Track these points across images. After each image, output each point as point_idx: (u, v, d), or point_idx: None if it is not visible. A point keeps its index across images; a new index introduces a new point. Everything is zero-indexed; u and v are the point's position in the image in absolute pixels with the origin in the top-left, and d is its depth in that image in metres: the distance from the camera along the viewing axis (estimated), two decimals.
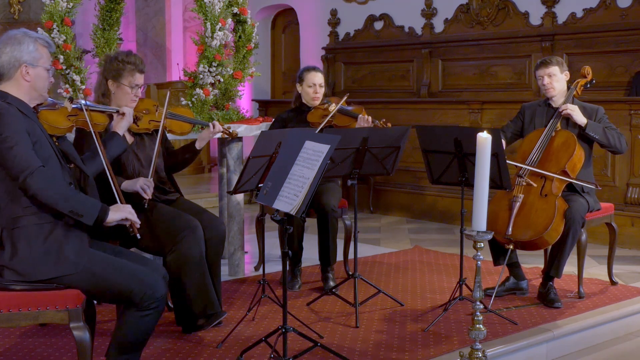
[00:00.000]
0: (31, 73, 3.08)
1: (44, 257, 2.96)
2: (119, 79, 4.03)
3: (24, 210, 2.97)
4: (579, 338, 4.28)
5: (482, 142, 3.22)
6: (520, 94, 8.07)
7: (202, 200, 6.89)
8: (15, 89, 3.08)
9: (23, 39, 3.08)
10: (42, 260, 2.96)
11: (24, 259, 2.96)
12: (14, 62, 3.06)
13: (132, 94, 4.05)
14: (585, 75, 4.86)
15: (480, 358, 3.27)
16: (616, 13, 7.63)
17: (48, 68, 3.15)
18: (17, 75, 3.07)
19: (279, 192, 3.45)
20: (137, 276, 3.07)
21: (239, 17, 5.41)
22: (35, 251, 2.96)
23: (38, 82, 3.12)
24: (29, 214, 2.98)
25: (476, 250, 3.24)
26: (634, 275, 5.37)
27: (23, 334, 4.06)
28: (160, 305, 3.11)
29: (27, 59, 3.07)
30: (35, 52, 3.09)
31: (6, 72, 3.07)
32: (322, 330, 4.11)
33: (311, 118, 5.03)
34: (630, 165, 6.31)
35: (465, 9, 8.86)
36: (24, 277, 2.96)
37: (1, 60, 3.06)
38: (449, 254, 6.03)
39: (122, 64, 4.04)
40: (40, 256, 2.96)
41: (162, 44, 12.12)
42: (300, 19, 10.79)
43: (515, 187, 4.54)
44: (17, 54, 3.06)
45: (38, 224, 2.98)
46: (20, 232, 2.98)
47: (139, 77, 4.06)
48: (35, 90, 3.13)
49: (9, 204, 2.99)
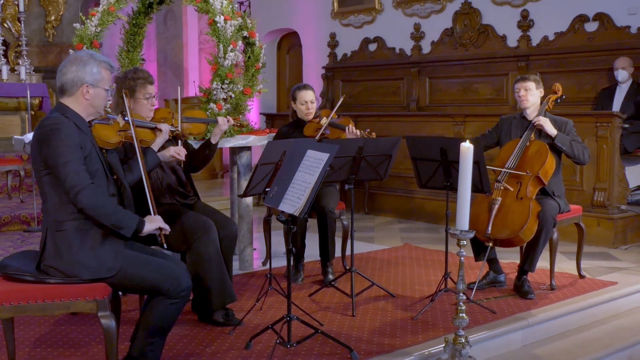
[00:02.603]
0: (91, 92, 3.08)
1: (84, 261, 2.97)
2: (134, 94, 4.00)
3: (69, 216, 2.98)
4: (550, 326, 4.28)
5: (465, 151, 3.23)
6: (499, 108, 8.06)
7: (215, 202, 6.89)
8: (74, 104, 3.08)
9: (88, 61, 3.08)
10: (81, 263, 2.97)
11: (66, 260, 2.96)
12: (77, 81, 3.06)
13: (149, 104, 4.05)
14: (557, 92, 4.87)
15: (463, 343, 3.27)
16: (584, 36, 7.65)
17: (107, 88, 3.14)
18: (78, 93, 3.07)
19: (284, 196, 3.46)
20: (164, 271, 3.07)
21: (249, 40, 5.42)
22: (76, 255, 2.96)
23: (96, 100, 3.12)
24: (72, 219, 2.98)
25: (459, 247, 3.25)
26: (599, 269, 5.36)
27: (57, 322, 4.07)
28: (187, 295, 3.12)
29: (89, 79, 3.07)
30: (97, 74, 3.09)
31: (69, 89, 3.07)
32: (323, 319, 4.12)
33: (306, 132, 5.06)
34: (596, 172, 6.31)
35: (449, 32, 8.87)
36: (65, 276, 2.97)
37: (66, 78, 3.07)
38: (435, 250, 6.03)
39: (133, 80, 4.02)
40: (80, 260, 2.96)
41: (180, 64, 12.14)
42: (303, 42, 10.80)
43: (494, 191, 4.54)
44: (80, 74, 3.06)
45: (80, 229, 2.99)
46: (63, 235, 2.98)
47: (150, 88, 4.05)
48: (92, 107, 3.13)
49: (57, 208, 2.99)
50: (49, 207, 3.01)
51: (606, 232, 6.21)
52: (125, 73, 4.15)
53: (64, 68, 3.08)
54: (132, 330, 3.33)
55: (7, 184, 8.30)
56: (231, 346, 3.68)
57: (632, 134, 6.80)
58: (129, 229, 3.03)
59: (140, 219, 3.08)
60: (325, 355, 3.52)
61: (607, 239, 6.19)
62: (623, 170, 6.52)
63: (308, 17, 10.60)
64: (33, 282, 2.99)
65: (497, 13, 8.41)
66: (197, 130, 4.21)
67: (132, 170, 3.46)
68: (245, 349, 3.61)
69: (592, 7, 7.55)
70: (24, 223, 7.20)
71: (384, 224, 7.61)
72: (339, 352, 3.55)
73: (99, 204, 2.95)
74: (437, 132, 7.45)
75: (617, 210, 6.30)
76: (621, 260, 5.71)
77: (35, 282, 2.99)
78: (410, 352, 3.60)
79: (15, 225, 7.17)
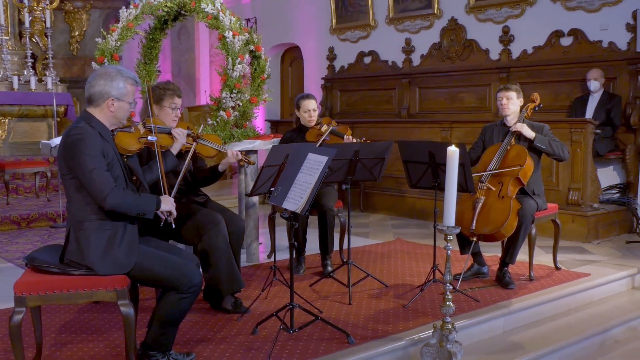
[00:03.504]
0: (115, 105, 3.08)
1: (102, 257, 2.97)
2: (161, 102, 4.03)
3: (89, 216, 2.98)
4: (529, 313, 4.28)
5: (452, 154, 3.23)
6: (483, 115, 8.06)
7: (225, 201, 6.87)
8: (100, 114, 3.08)
9: (115, 77, 3.07)
10: (99, 260, 2.96)
11: (84, 256, 2.97)
12: (103, 94, 3.05)
13: (173, 114, 4.05)
14: (535, 100, 4.86)
15: (449, 329, 3.27)
16: (559, 50, 7.65)
17: (131, 102, 3.14)
18: (104, 105, 3.07)
19: (287, 195, 3.46)
20: (177, 267, 3.06)
21: (255, 53, 5.42)
22: (93, 252, 2.96)
23: (119, 112, 3.12)
24: (92, 220, 2.98)
25: (446, 242, 3.25)
26: (574, 262, 5.36)
27: (80, 310, 4.06)
28: (197, 291, 3.10)
29: (114, 94, 3.06)
30: (123, 88, 3.08)
31: (95, 100, 3.07)
32: (322, 307, 4.11)
33: (308, 137, 5.05)
34: (571, 173, 6.30)
35: (437, 46, 8.87)
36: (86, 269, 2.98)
37: (94, 90, 3.06)
38: (425, 244, 6.03)
39: (163, 90, 4.04)
40: (98, 256, 2.96)
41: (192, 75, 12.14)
42: (304, 55, 10.80)
43: (478, 190, 4.54)
44: (107, 88, 3.05)
45: (99, 229, 2.99)
46: (84, 234, 2.98)
47: (177, 100, 4.06)
48: (115, 118, 3.13)
49: (79, 209, 2.99)
50: (72, 207, 3.03)
51: (580, 228, 6.20)
52: (158, 83, 4.19)
53: (93, 80, 3.08)
54: (149, 317, 3.33)
55: (35, 184, 8.32)
56: (239, 332, 3.67)
57: (603, 138, 6.80)
58: (151, 212, 3.09)
59: (157, 198, 3.14)
60: (325, 340, 3.52)
61: (580, 234, 6.19)
62: (595, 171, 6.53)
63: (309, 32, 10.60)
64: (58, 273, 2.99)
65: (480, 29, 8.41)
66: (206, 152, 4.12)
67: (152, 171, 3.50)
68: (252, 334, 3.61)
69: (567, 24, 7.56)
70: (51, 220, 7.21)
71: (378, 220, 7.61)
72: (337, 337, 3.55)
73: (123, 204, 2.97)
74: (426, 137, 7.45)
75: (590, 208, 6.30)
76: (593, 254, 5.71)
77: (60, 273, 2.99)
78: (401, 337, 3.60)
79: (42, 221, 7.17)
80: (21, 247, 5.94)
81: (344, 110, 9.93)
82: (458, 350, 3.27)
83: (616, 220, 6.51)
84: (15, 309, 2.92)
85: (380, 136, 7.75)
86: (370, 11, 9.56)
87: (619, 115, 6.91)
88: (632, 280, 5.15)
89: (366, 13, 9.62)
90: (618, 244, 6.12)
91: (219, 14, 5.20)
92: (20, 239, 6.37)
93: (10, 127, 9.87)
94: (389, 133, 7.91)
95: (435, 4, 8.78)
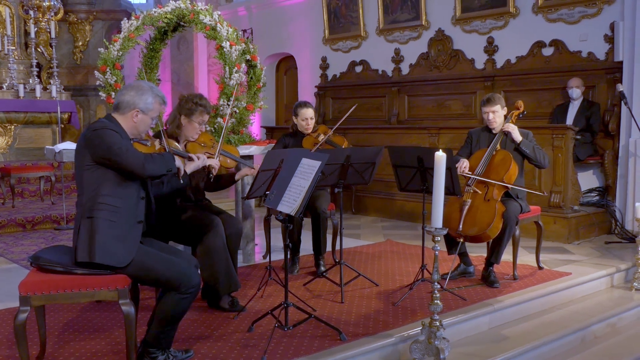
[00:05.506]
0: (139, 117, 3.10)
1: (102, 246, 2.94)
2: (191, 116, 3.96)
3: (99, 206, 2.97)
4: (514, 310, 4.29)
5: (439, 159, 3.23)
6: (469, 122, 8.07)
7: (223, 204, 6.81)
8: (123, 121, 3.10)
9: (147, 92, 3.11)
10: (99, 248, 2.94)
11: (90, 244, 2.94)
12: (131, 104, 3.08)
13: (199, 129, 4.02)
14: (519, 108, 4.88)
15: (437, 326, 3.27)
16: (541, 60, 7.67)
17: (154, 117, 3.16)
18: (129, 114, 3.09)
19: (281, 198, 3.45)
20: (177, 268, 3.04)
21: (251, 63, 5.42)
22: (99, 238, 2.94)
23: (141, 125, 3.14)
24: (102, 210, 2.97)
25: (434, 243, 3.25)
26: (556, 262, 5.37)
27: (83, 309, 4.04)
28: (196, 291, 3.09)
29: (141, 106, 3.09)
30: (150, 104, 3.11)
31: (122, 108, 3.10)
32: (315, 305, 4.10)
33: (305, 144, 5.04)
34: (552, 177, 6.32)
35: (425, 56, 8.89)
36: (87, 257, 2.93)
37: (123, 98, 3.09)
38: (414, 245, 6.03)
39: (195, 105, 3.96)
40: (99, 245, 2.94)
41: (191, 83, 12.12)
42: (299, 64, 10.80)
43: (465, 193, 4.55)
44: (136, 100, 3.08)
45: (105, 219, 2.96)
46: (91, 222, 2.95)
47: (206, 117, 4.02)
48: (136, 129, 3.14)
49: (90, 199, 2.98)
50: (84, 199, 3.00)
51: (561, 229, 6.22)
52: (192, 96, 4.05)
53: (124, 90, 3.12)
54: (149, 316, 3.31)
55: (40, 188, 8.28)
56: (236, 329, 3.66)
57: (583, 144, 6.83)
58: (175, 167, 3.16)
59: (171, 155, 3.18)
60: (318, 337, 3.51)
61: (562, 235, 6.21)
62: (576, 175, 6.55)
63: (303, 43, 10.60)
64: (62, 272, 2.96)
65: (466, 40, 8.43)
66: (226, 164, 4.06)
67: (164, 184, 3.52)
68: (248, 332, 3.60)
69: (549, 35, 7.58)
70: (55, 222, 7.17)
71: (368, 222, 7.61)
72: (329, 334, 3.54)
73: (157, 168, 3.04)
74: (415, 143, 7.46)
75: (570, 211, 6.31)
76: (574, 254, 5.72)
77: (64, 272, 2.96)
78: (391, 334, 3.59)
79: (47, 224, 7.13)
80: (26, 249, 5.91)
81: (337, 117, 9.90)
82: (445, 346, 3.27)
83: (596, 221, 6.53)
84: (20, 308, 2.90)
85: (371, 142, 7.75)
86: (362, 22, 9.57)
87: (598, 121, 6.93)
88: (610, 279, 5.17)
89: (357, 24, 9.63)
90: (598, 245, 6.14)
91: (217, 25, 5.20)
92: (25, 241, 6.34)
93: (16, 133, 9.83)
94: (379, 139, 7.91)
95: (423, 16, 8.80)
